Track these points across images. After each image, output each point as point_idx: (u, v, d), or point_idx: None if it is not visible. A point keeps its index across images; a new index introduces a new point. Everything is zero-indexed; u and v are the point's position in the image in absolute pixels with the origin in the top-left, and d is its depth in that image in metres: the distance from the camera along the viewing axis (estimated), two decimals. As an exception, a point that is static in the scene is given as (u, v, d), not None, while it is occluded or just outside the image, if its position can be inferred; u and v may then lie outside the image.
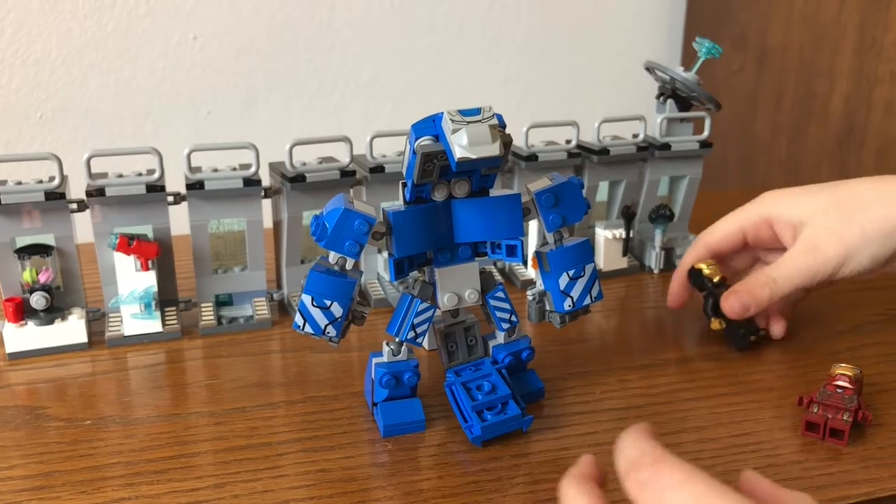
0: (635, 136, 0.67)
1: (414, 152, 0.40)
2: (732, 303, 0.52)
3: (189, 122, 1.14)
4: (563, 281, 0.46)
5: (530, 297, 0.48)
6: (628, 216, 0.67)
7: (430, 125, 0.40)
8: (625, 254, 0.68)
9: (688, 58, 0.64)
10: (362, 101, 1.19)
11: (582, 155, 0.65)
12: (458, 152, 0.38)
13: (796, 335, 0.57)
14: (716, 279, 0.55)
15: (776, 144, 1.11)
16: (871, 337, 0.57)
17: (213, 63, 1.14)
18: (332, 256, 0.42)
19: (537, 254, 0.46)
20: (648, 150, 0.66)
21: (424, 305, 0.45)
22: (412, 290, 0.45)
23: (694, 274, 0.56)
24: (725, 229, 0.56)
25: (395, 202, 0.44)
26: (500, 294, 0.47)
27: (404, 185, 0.43)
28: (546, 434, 0.45)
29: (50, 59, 1.08)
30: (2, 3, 1.02)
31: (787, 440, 0.45)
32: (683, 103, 0.67)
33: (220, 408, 0.49)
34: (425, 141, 0.40)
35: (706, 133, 0.67)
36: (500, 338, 0.48)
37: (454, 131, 0.38)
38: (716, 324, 0.55)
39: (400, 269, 0.43)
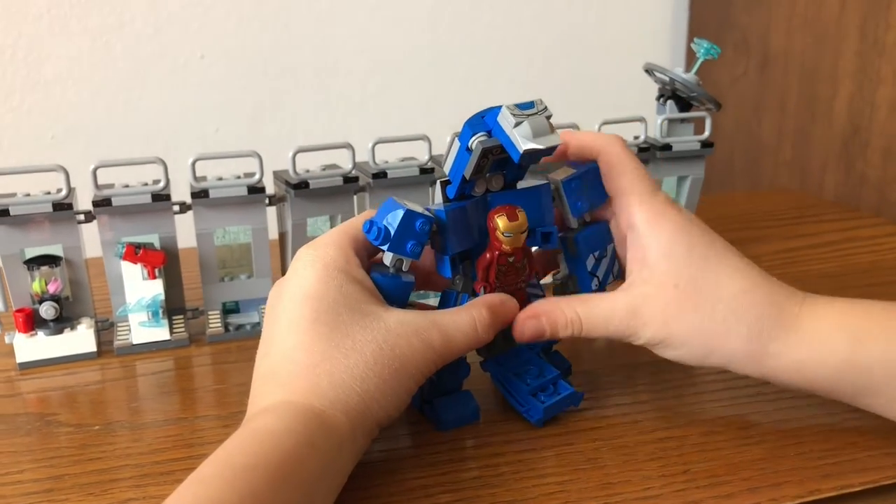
0: (636, 137, 0.67)
1: (467, 149, 0.41)
2: (528, 329, 0.45)
3: (197, 139, 1.16)
4: (590, 262, 0.48)
5: (557, 282, 0.49)
6: (631, 217, 0.67)
7: (480, 122, 0.41)
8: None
9: (690, 63, 0.65)
10: (368, 114, 1.20)
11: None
12: (524, 144, 0.39)
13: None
14: None
15: (781, 147, 1.11)
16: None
17: (221, 81, 1.15)
18: (390, 259, 0.43)
19: (562, 239, 0.48)
20: (650, 151, 0.67)
21: (471, 300, 0.45)
22: (456, 286, 0.46)
23: None
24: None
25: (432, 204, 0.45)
26: (534, 280, 0.48)
27: (446, 183, 0.44)
28: (550, 430, 0.45)
29: (60, 80, 1.10)
30: (12, 27, 1.04)
31: (791, 431, 0.45)
32: (683, 104, 0.67)
33: (227, 411, 0.49)
34: (482, 136, 0.41)
35: (707, 133, 0.67)
36: None
37: (517, 124, 0.40)
38: None
39: (454, 264, 0.44)
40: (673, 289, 0.43)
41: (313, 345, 0.39)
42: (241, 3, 1.12)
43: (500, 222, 0.43)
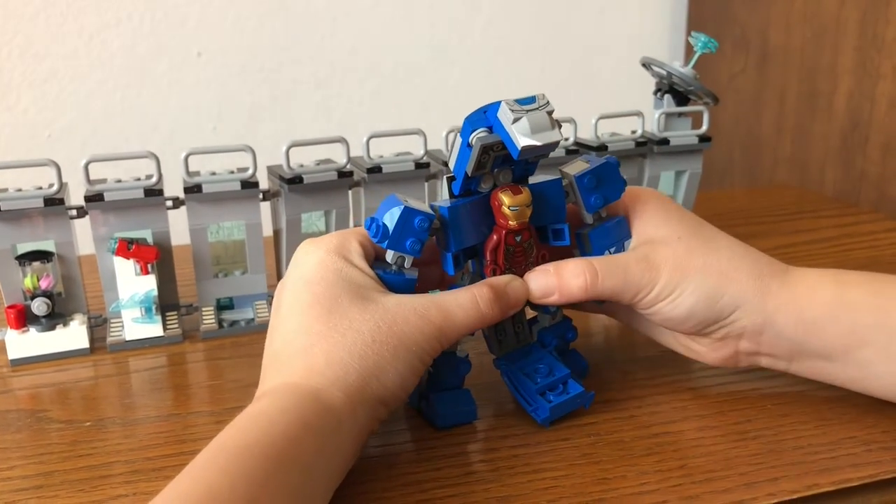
0: (633, 132, 0.67)
1: (468, 145, 0.41)
2: (537, 283, 0.44)
3: (195, 137, 1.15)
4: None
5: None
6: (629, 213, 0.67)
7: (481, 117, 0.41)
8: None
9: (688, 58, 0.65)
10: (367, 113, 1.20)
11: (580, 151, 0.65)
12: (523, 141, 0.39)
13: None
14: None
15: (781, 143, 1.10)
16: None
17: (218, 79, 1.15)
18: (392, 256, 0.42)
19: (577, 235, 0.47)
20: (647, 146, 0.66)
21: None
22: (462, 282, 0.45)
23: None
24: None
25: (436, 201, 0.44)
26: None
27: (451, 179, 0.43)
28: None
29: (57, 78, 1.09)
30: (8, 25, 1.04)
31: (788, 426, 0.44)
32: (681, 98, 0.67)
33: (220, 407, 0.49)
34: (481, 133, 0.40)
35: (705, 127, 0.66)
36: (545, 321, 0.48)
37: (515, 120, 0.39)
38: None
39: (457, 261, 0.44)
40: (677, 240, 0.45)
41: (311, 326, 0.39)
42: (238, 0, 1.12)
43: (505, 197, 0.42)
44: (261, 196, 0.57)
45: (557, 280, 0.44)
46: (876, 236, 0.77)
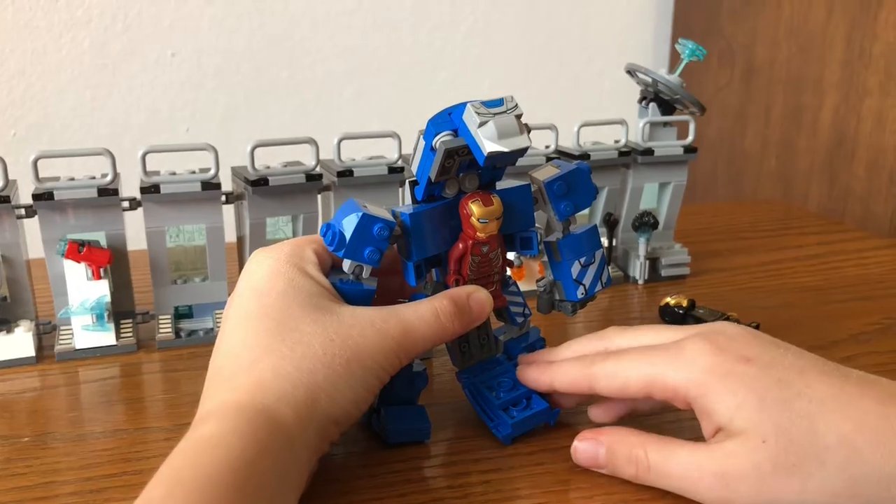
0: (616, 141, 0.64)
1: (432, 149, 0.38)
2: (582, 451, 0.39)
3: (167, 138, 1.12)
4: (576, 269, 0.45)
5: (541, 289, 0.46)
6: (611, 224, 0.64)
7: (446, 120, 0.38)
8: (608, 263, 0.66)
9: (674, 67, 0.63)
10: (345, 118, 1.17)
11: (561, 160, 0.63)
12: (489, 146, 0.36)
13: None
14: (684, 304, 0.56)
15: (766, 157, 1.09)
16: (867, 346, 0.54)
17: (192, 80, 1.12)
18: (348, 265, 0.39)
19: (546, 244, 0.45)
20: (631, 156, 0.64)
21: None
22: (426, 290, 0.42)
23: (662, 309, 0.58)
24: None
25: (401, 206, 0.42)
26: (514, 288, 0.45)
27: (414, 183, 0.40)
28: (519, 448, 0.42)
29: (24, 76, 1.06)
30: (-26, 19, 1.01)
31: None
32: (666, 107, 0.65)
33: (173, 423, 0.45)
34: (446, 136, 0.38)
35: (690, 137, 0.64)
36: (511, 332, 0.46)
37: (481, 124, 0.36)
38: None
39: (419, 271, 0.41)
40: (762, 445, 0.34)
41: (257, 340, 0.36)
42: (213, 0, 1.09)
43: (475, 208, 0.39)
44: (223, 198, 0.54)
45: (608, 461, 0.39)
46: (863, 254, 0.75)
